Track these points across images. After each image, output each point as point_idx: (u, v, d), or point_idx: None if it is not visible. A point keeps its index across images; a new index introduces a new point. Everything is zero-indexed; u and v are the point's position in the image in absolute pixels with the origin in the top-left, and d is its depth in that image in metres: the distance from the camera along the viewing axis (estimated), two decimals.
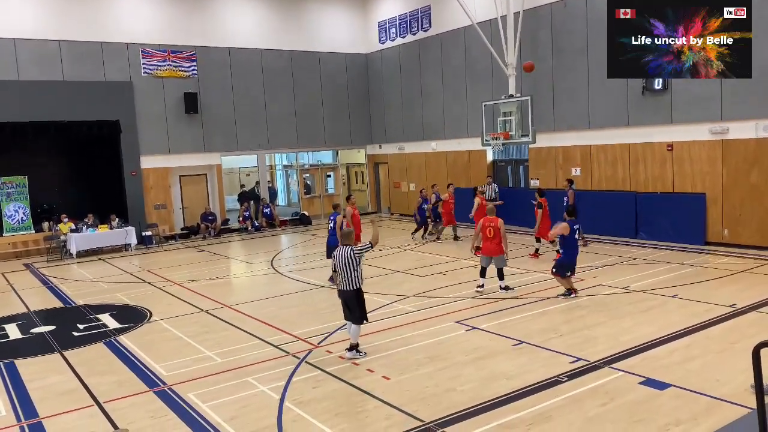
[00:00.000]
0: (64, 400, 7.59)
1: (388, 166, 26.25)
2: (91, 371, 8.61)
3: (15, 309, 12.69)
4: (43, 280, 15.88)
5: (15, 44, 19.35)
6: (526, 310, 10.48)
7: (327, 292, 12.63)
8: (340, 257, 8.56)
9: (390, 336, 9.45)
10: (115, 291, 13.99)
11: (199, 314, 11.54)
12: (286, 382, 7.72)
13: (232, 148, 23.68)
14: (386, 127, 25.89)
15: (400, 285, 12.87)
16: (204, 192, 23.79)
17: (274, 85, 24.21)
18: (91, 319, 11.47)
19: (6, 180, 20.18)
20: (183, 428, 6.63)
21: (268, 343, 9.42)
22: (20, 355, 9.55)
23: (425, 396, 7.14)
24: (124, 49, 21.10)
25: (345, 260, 8.50)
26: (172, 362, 8.80)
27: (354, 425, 6.50)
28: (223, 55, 23.02)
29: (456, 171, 22.69)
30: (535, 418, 6.41)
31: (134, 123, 21.30)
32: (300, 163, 27.30)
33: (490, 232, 11.58)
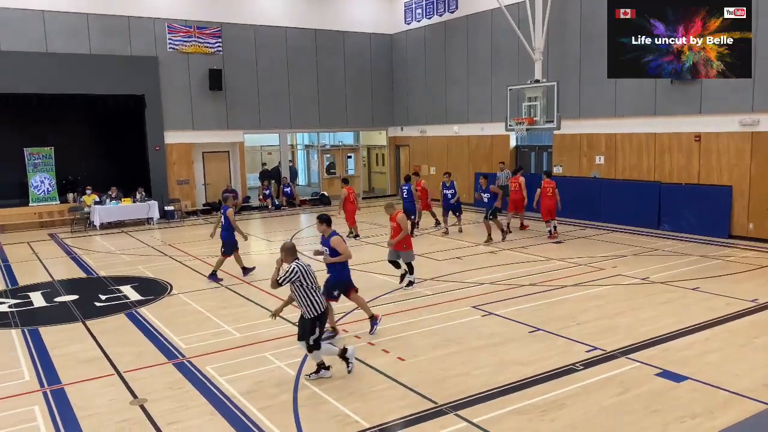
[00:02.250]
0: (85, 368, 7.77)
1: (410, 148, 26.16)
2: (112, 341, 8.79)
3: (40, 278, 12.97)
4: (66, 251, 16.18)
5: (44, 17, 19.53)
6: (544, 298, 10.45)
7: None
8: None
9: (405, 318, 9.49)
10: (136, 263, 14.21)
11: (218, 289, 11.69)
12: (302, 359, 7.80)
13: (255, 126, 23.75)
14: (409, 110, 25.75)
15: (416, 268, 12.81)
16: (226, 169, 23.95)
17: (298, 63, 24.17)
18: (113, 290, 11.69)
19: (33, 151, 20.50)
20: (201, 400, 6.76)
21: (286, 320, 9.49)
22: (44, 322, 9.78)
23: (439, 379, 7.18)
24: (150, 24, 21.19)
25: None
26: (191, 335, 8.95)
27: (368, 404, 6.57)
28: (248, 32, 23.01)
29: (478, 156, 22.54)
30: (549, 405, 6.42)
31: (159, 98, 21.45)
32: (321, 143, 27.32)
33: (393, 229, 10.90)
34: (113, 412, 6.51)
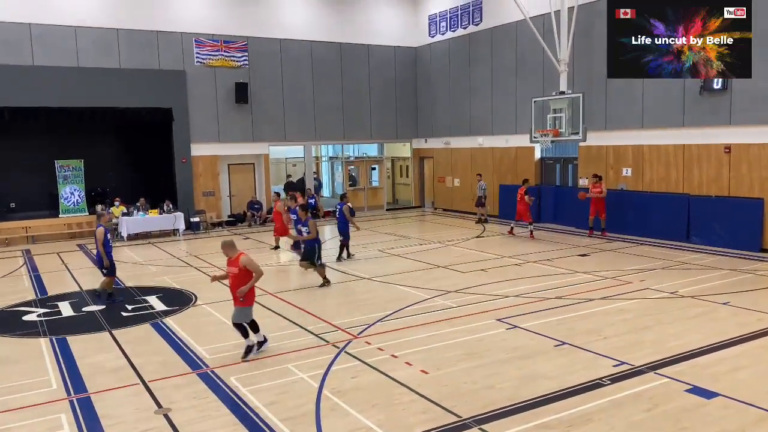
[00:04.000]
0: (111, 377, 7.85)
1: (434, 160, 26.14)
2: (137, 351, 8.88)
3: (68, 288, 13.19)
4: (95, 261, 16.41)
5: (76, 32, 20.02)
6: (570, 311, 10.29)
7: (367, 284, 12.69)
8: None
9: (429, 331, 9.42)
10: (162, 274, 14.38)
11: None
12: (325, 371, 7.79)
13: (280, 138, 23.97)
14: (433, 122, 25.77)
15: (440, 280, 12.82)
16: (251, 181, 24.19)
17: (323, 76, 24.38)
18: (139, 301, 11.83)
19: (63, 163, 20.95)
20: (224, 410, 6.78)
21: (309, 332, 9.52)
22: (72, 332, 9.92)
23: (463, 392, 7.10)
24: (178, 38, 21.59)
25: None
26: (215, 346, 9.00)
27: (391, 417, 6.52)
28: (274, 46, 23.30)
29: (503, 167, 22.43)
30: (575, 420, 6.30)
31: (186, 111, 21.79)
32: (345, 155, 27.44)
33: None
34: (138, 421, 6.56)
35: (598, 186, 17.53)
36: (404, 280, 12.81)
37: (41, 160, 20.92)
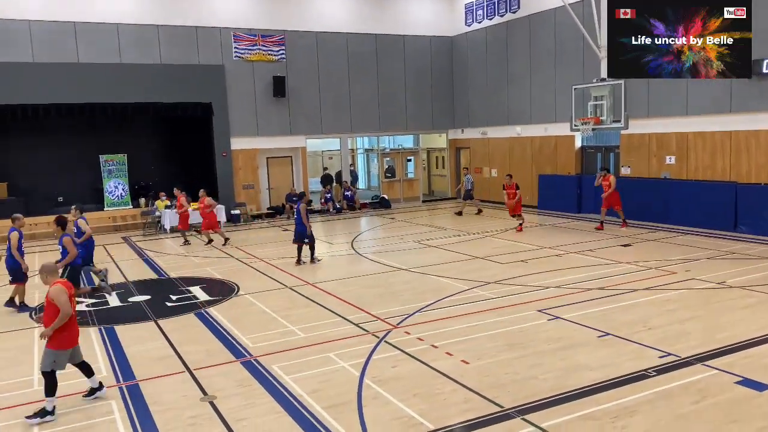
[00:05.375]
0: (158, 365, 8.05)
1: (470, 150, 25.94)
2: (182, 339, 9.08)
3: (114, 279, 13.54)
4: (139, 253, 16.86)
5: (118, 29, 20.47)
6: (613, 302, 10.11)
7: (404, 275, 12.70)
8: None
9: (469, 321, 9.38)
10: (205, 265, 14.65)
11: (283, 290, 11.90)
12: (365, 360, 7.84)
13: (317, 131, 24.11)
14: (469, 112, 25.55)
15: (479, 271, 12.74)
16: (289, 174, 24.42)
17: (359, 68, 24.40)
18: (183, 291, 12.09)
19: (108, 158, 21.51)
20: (267, 398, 6.88)
21: (349, 321, 9.58)
22: (119, 321, 10.20)
23: (505, 382, 7.05)
24: (216, 33, 21.86)
25: None
26: (258, 335, 9.14)
27: (432, 406, 6.52)
28: (310, 39, 23.40)
29: (542, 157, 22.11)
30: (620, 412, 6.20)
31: (225, 105, 22.09)
32: (381, 146, 27.43)
33: (74, 306, 6.88)
34: (185, 407, 6.71)
35: (607, 179, 17.04)
36: (442, 271, 12.78)
37: (87, 155, 21.52)
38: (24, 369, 8.15)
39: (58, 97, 19.58)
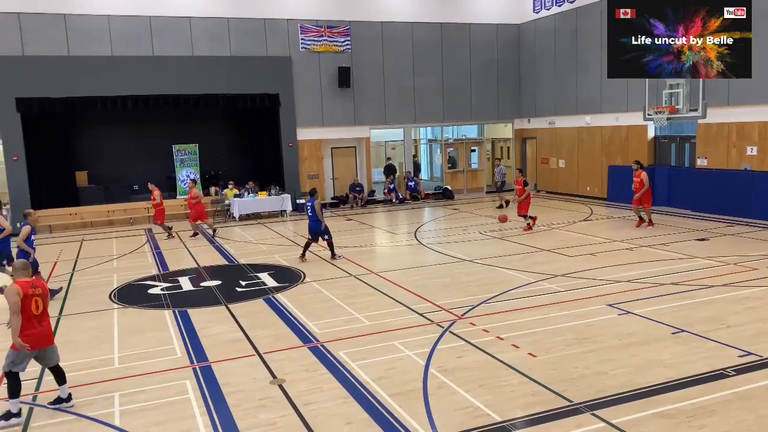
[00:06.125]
0: (229, 349, 8.31)
1: (537, 141, 25.41)
2: (252, 324, 9.34)
3: (187, 264, 14.07)
4: (209, 240, 17.42)
5: (191, 22, 21.12)
6: (688, 298, 9.71)
7: (469, 266, 12.60)
8: None
9: (535, 314, 9.23)
10: (272, 253, 15.01)
11: (348, 278, 12.05)
12: (430, 349, 7.85)
13: (381, 121, 24.19)
14: (536, 101, 25.01)
15: (545, 264, 12.49)
16: (353, 164, 24.63)
17: (423, 58, 24.28)
18: (252, 277, 12.42)
19: (180, 147, 22.30)
20: (334, 383, 7.00)
21: (413, 311, 9.61)
22: (192, 305, 10.60)
23: (573, 377, 6.90)
24: (284, 25, 22.22)
25: None
26: (324, 321, 9.29)
27: (499, 398, 6.46)
28: (376, 29, 23.45)
29: (612, 148, 21.42)
30: (697, 411, 5.96)
31: (292, 96, 22.47)
32: (445, 137, 27.26)
33: (37, 306, 6.46)
34: (255, 390, 6.91)
35: (638, 175, 15.89)
36: (507, 263, 12.61)
37: (160, 145, 22.38)
38: (106, 347, 8.59)
39: (134, 89, 20.42)
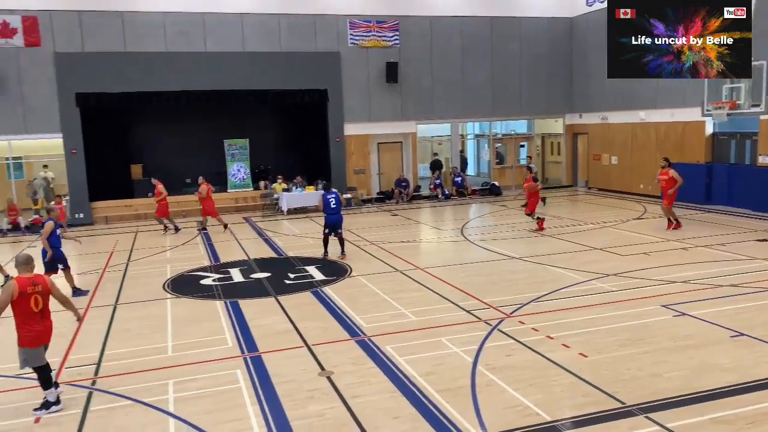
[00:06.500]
0: (279, 339, 8.44)
1: (588, 136, 24.86)
2: (300, 316, 9.45)
3: (237, 256, 14.34)
4: (259, 232, 17.72)
5: (242, 19, 21.45)
6: (748, 300, 9.34)
7: (517, 264, 12.44)
8: None
9: (587, 314, 9.04)
10: (319, 246, 15.05)
11: (393, 273, 12.06)
12: (478, 347, 7.78)
13: (428, 116, 24.09)
14: (589, 96, 24.44)
15: (598, 263, 12.21)
16: (399, 159, 24.61)
17: (472, 52, 24.04)
18: (300, 270, 12.58)
19: (231, 142, 22.72)
20: (382, 377, 7.02)
21: (460, 308, 9.55)
22: (243, 296, 10.80)
23: (626, 378, 6.74)
24: (333, 21, 22.34)
25: None
26: (371, 315, 9.33)
27: (549, 397, 6.36)
28: (424, 23, 23.34)
29: (667, 144, 20.76)
30: (758, 417, 5.74)
31: (340, 91, 22.59)
32: (493, 132, 26.95)
33: (36, 304, 6.47)
34: (305, 381, 6.99)
35: (666, 172, 15.13)
36: (557, 262, 12.39)
37: (212, 140, 22.83)
38: (160, 336, 8.84)
39: (187, 85, 20.88)
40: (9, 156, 20.52)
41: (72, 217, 19.93)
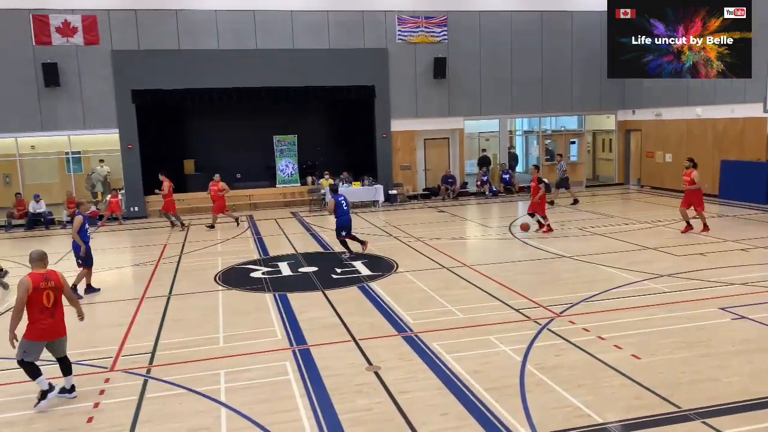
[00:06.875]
0: (327, 333, 8.52)
1: (641, 133, 24.18)
2: (347, 310, 9.52)
3: (285, 250, 14.54)
4: (306, 227, 17.93)
5: (292, 16, 21.69)
6: None
7: (567, 263, 12.21)
8: None
9: (640, 315, 8.81)
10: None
11: (440, 270, 12.01)
12: (527, 346, 7.68)
13: (476, 112, 23.87)
14: (642, 91, 23.75)
15: (650, 263, 11.88)
16: (446, 155, 24.49)
17: (522, 47, 23.68)
18: (347, 265, 12.66)
19: (280, 138, 23.03)
20: (429, 374, 7.01)
21: (509, 306, 9.44)
22: (291, 289, 10.95)
23: (682, 382, 6.54)
24: (381, 17, 22.36)
25: None
26: (417, 312, 9.32)
27: (600, 399, 6.23)
28: (473, 18, 23.12)
29: (725, 142, 20.01)
30: None
31: (387, 88, 22.61)
32: (542, 128, 26.51)
33: (48, 299, 6.57)
34: (352, 375, 7.05)
35: (689, 173, 14.29)
36: (608, 261, 12.10)
37: (261, 136, 23.20)
38: (211, 327, 9.04)
39: (238, 82, 21.25)
40: (69, 150, 21.33)
41: (127, 211, 20.60)
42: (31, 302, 6.46)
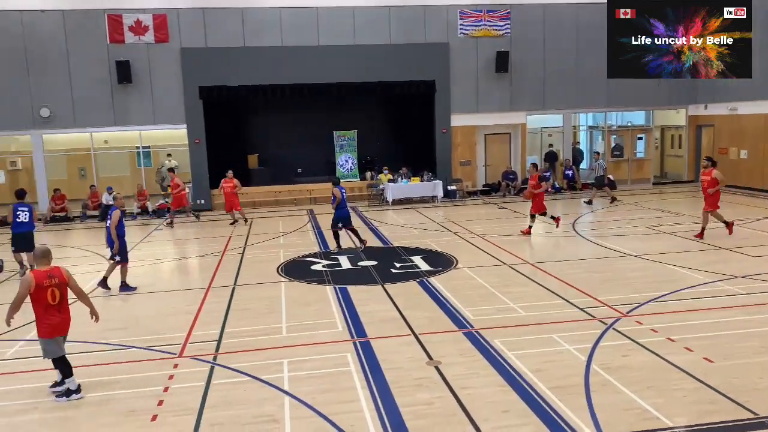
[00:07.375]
0: (386, 326, 8.55)
1: (714, 129, 23.13)
2: (407, 304, 9.53)
3: (345, 244, 14.66)
4: (365, 222, 18.03)
5: (354, 12, 21.82)
6: None
7: (634, 262, 11.83)
8: None
9: (712, 317, 8.44)
10: (424, 237, 15.18)
11: (500, 267, 11.85)
12: (592, 346, 7.48)
13: (539, 107, 23.40)
14: (716, 85, 22.67)
15: (723, 263, 11.37)
16: (507, 151, 24.12)
17: (588, 40, 22.98)
18: (406, 260, 12.67)
19: (340, 134, 23.25)
20: (490, 371, 6.93)
21: (572, 305, 9.22)
22: (351, 282, 11.05)
23: (760, 388, 6.23)
24: (443, 11, 22.19)
25: None
26: (478, 308, 9.23)
27: (670, 402, 6.01)
28: (537, 12, 22.65)
29: None
30: None
31: (448, 82, 22.44)
32: (608, 123, 25.72)
33: (53, 296, 6.60)
34: (412, 369, 7.05)
35: (708, 173, 13.24)
36: (677, 260, 11.65)
37: (322, 132, 23.45)
38: (275, 317, 9.23)
39: (301, 78, 21.54)
40: (139, 145, 22.19)
41: (194, 204, 21.25)
42: (36, 300, 6.52)
